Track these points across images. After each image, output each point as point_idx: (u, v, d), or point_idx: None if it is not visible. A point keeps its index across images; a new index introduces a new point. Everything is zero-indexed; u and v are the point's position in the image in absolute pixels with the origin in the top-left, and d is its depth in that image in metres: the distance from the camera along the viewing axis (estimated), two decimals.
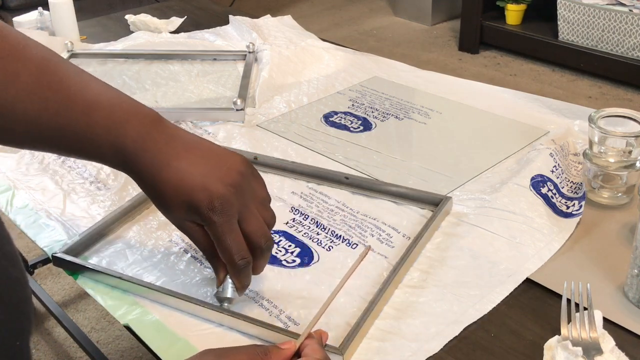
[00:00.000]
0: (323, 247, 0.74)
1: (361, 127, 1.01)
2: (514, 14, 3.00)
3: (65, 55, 1.22)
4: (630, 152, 0.78)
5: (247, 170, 0.62)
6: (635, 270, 0.64)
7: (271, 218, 0.64)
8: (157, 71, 1.21)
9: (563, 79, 2.83)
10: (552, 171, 0.82)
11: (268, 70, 1.15)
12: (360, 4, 3.89)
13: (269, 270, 0.71)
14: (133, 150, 0.59)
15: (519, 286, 0.68)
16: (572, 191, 0.82)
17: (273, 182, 0.87)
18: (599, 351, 0.57)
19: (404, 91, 1.13)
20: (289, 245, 0.75)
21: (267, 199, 0.65)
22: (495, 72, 2.93)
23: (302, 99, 1.10)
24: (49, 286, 1.74)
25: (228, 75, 1.20)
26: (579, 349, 0.56)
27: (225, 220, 0.59)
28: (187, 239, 0.76)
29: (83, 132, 0.59)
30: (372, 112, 1.06)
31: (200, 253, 0.73)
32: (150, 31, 1.42)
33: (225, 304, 0.64)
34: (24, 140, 0.61)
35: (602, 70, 2.72)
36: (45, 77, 0.58)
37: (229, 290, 0.63)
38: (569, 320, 0.60)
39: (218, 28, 1.43)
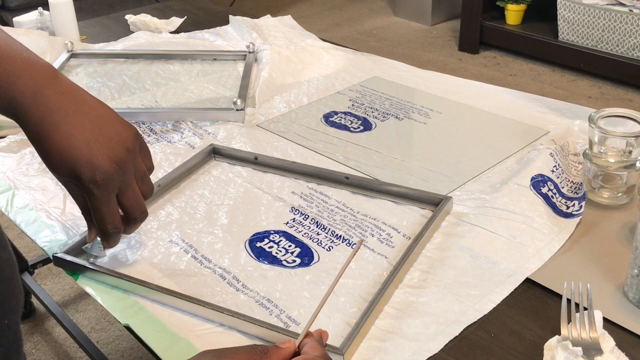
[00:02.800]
0: (323, 247, 0.74)
1: (361, 127, 1.01)
2: (514, 14, 3.00)
3: (65, 55, 1.22)
4: (630, 152, 0.78)
5: (135, 146, 0.64)
6: (635, 270, 0.64)
7: (149, 190, 0.68)
8: (157, 71, 1.21)
9: (563, 79, 2.83)
10: (553, 171, 0.82)
11: (268, 70, 1.15)
12: (360, 4, 3.89)
13: (269, 270, 0.71)
14: (23, 105, 0.59)
15: (519, 286, 0.68)
16: (572, 191, 0.82)
17: (273, 182, 0.87)
18: (599, 351, 0.57)
19: (404, 91, 1.13)
20: (289, 246, 0.75)
21: (150, 170, 0.68)
22: (495, 72, 2.93)
23: (302, 99, 1.10)
24: (49, 286, 1.74)
25: (228, 75, 1.20)
26: (579, 349, 0.56)
27: (103, 194, 0.61)
28: (187, 239, 0.76)
29: None
30: (372, 112, 1.06)
31: (201, 253, 0.73)
32: (150, 31, 1.42)
33: (91, 259, 0.70)
34: None
35: (602, 70, 2.72)
36: None
37: (96, 248, 0.70)
38: (569, 320, 0.60)
39: (218, 28, 1.43)
